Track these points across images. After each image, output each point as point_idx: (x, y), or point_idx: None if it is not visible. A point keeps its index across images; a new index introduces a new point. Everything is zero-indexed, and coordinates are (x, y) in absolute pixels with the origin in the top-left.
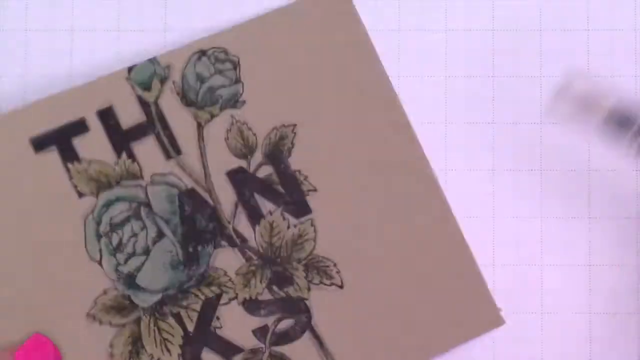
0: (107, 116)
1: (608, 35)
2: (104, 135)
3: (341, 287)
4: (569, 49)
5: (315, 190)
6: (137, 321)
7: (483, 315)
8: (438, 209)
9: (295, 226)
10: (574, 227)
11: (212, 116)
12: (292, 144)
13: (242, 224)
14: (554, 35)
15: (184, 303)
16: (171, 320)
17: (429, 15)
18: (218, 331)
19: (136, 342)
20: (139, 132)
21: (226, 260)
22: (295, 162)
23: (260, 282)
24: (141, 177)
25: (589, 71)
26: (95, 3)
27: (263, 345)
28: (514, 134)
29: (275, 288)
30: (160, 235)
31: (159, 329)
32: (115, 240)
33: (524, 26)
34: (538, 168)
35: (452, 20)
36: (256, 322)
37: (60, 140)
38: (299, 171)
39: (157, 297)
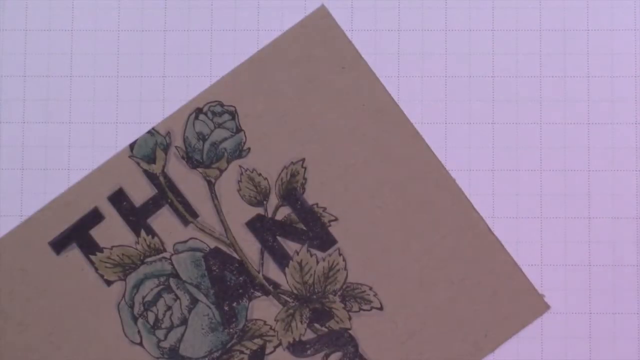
0: (118, 199)
1: (608, 35)
2: (120, 218)
3: (381, 309)
4: (569, 49)
5: (336, 219)
6: None
7: (528, 305)
8: (463, 213)
9: (324, 259)
10: (574, 227)
11: (221, 171)
12: (305, 178)
13: (272, 270)
14: (554, 35)
15: None
16: None
17: (429, 15)
18: None
19: None
20: (152, 206)
21: (263, 310)
22: (311, 196)
23: (301, 322)
24: (164, 249)
25: (588, 71)
26: (96, 3)
27: None
28: (514, 134)
29: (316, 325)
30: (194, 301)
31: None
32: (151, 318)
33: (524, 26)
34: (538, 168)
35: (452, 20)
36: None
37: (79, 236)
38: (317, 204)
39: None
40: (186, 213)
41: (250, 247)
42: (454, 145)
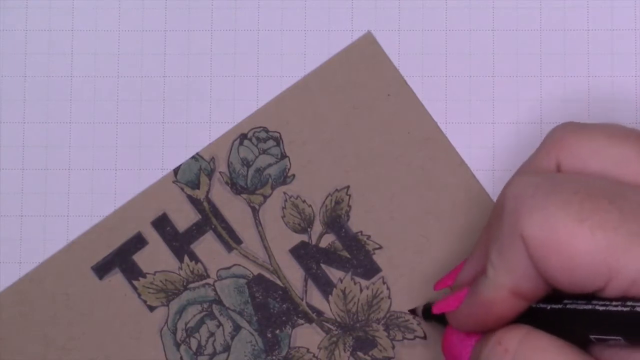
0: (162, 224)
1: (608, 35)
2: (163, 244)
3: (424, 338)
4: (569, 49)
5: (380, 247)
6: None
7: None
8: None
9: (367, 288)
10: None
11: (265, 197)
12: (349, 206)
13: (315, 298)
14: (554, 35)
15: None
16: None
17: (429, 15)
18: None
19: None
20: (196, 232)
21: (306, 338)
22: (355, 223)
23: (344, 350)
24: (207, 275)
25: (588, 71)
26: (96, 3)
27: None
28: (514, 134)
29: (360, 354)
30: (237, 328)
31: None
32: (194, 345)
33: (524, 26)
34: None
35: (452, 20)
36: None
37: (122, 261)
38: (361, 232)
39: None
40: (230, 239)
41: (293, 274)
42: (454, 145)
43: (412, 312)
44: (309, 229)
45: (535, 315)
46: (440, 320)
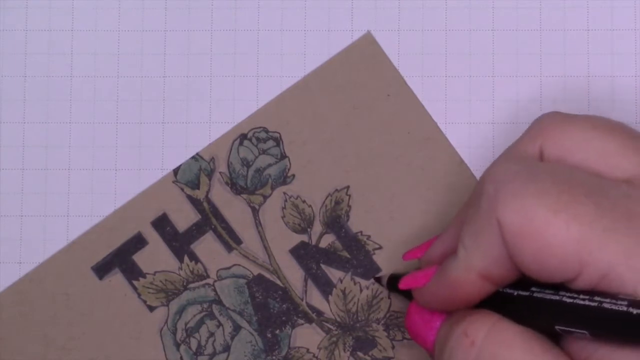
0: (162, 224)
1: (608, 35)
2: (163, 244)
3: None
4: (569, 49)
5: (380, 247)
6: None
7: None
8: None
9: (367, 288)
10: None
11: (265, 198)
12: (349, 206)
13: (315, 298)
14: (554, 35)
15: None
16: None
17: (429, 15)
18: None
19: None
20: (196, 232)
21: (306, 337)
22: (355, 223)
23: (344, 350)
24: (207, 275)
25: (588, 71)
26: (96, 3)
27: None
28: (513, 134)
29: (359, 354)
30: (237, 328)
31: None
32: (194, 344)
33: (524, 26)
34: None
35: (453, 20)
36: None
37: (122, 261)
38: (361, 232)
39: None
40: (230, 239)
41: (293, 274)
42: (454, 145)
43: (377, 280)
44: (309, 229)
45: (501, 300)
46: (405, 293)
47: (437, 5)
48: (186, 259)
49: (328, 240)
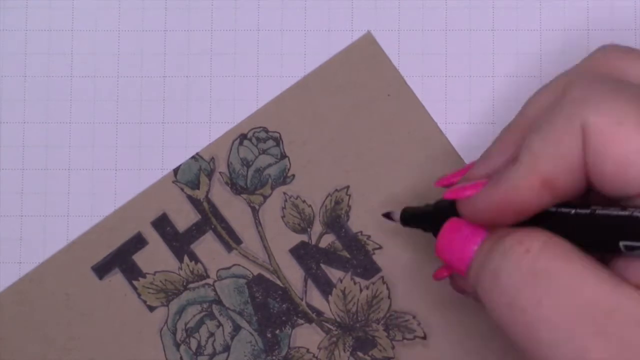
0: (162, 224)
1: (608, 36)
2: (163, 244)
3: (424, 338)
4: (569, 49)
5: (380, 247)
6: None
7: None
8: None
9: (367, 287)
10: None
11: (265, 197)
12: (349, 206)
13: (315, 298)
14: (554, 35)
15: None
16: None
17: (429, 15)
18: None
19: None
20: (196, 232)
21: (306, 337)
22: (355, 223)
23: (344, 350)
24: (207, 276)
25: None
26: (96, 3)
27: None
28: None
29: (359, 354)
30: (237, 328)
31: None
32: (194, 344)
33: (524, 26)
34: None
35: (453, 20)
36: None
37: (122, 261)
38: (361, 232)
39: None
40: (230, 239)
41: (293, 274)
42: (454, 145)
43: (387, 216)
44: (308, 229)
45: (555, 220)
46: (423, 224)
47: (437, 5)
48: (186, 259)
49: (328, 240)
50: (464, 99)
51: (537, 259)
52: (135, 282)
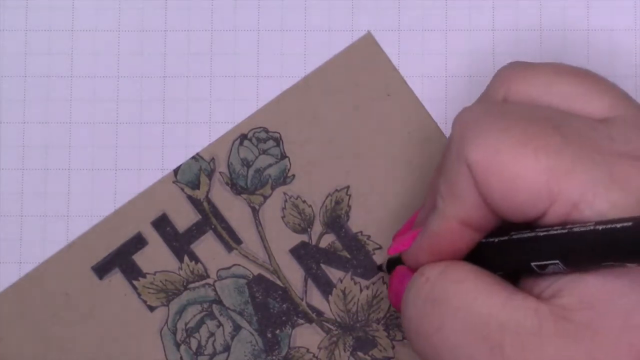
0: (162, 224)
1: (608, 35)
2: (163, 244)
3: None
4: (569, 49)
5: (380, 247)
6: None
7: None
8: None
9: (367, 287)
10: None
11: (265, 198)
12: (349, 206)
13: (315, 298)
14: (554, 35)
15: None
16: None
17: (429, 15)
18: None
19: None
20: (196, 232)
21: (306, 337)
22: (355, 223)
23: (344, 350)
24: (207, 275)
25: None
26: (96, 3)
27: None
28: None
29: (360, 353)
30: (237, 328)
31: None
32: (194, 344)
33: (524, 26)
34: None
35: (453, 20)
36: None
37: (122, 261)
38: (361, 232)
39: None
40: (230, 239)
41: (293, 274)
42: None
43: (379, 268)
44: (309, 229)
45: (484, 250)
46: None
47: (437, 5)
48: (186, 259)
49: (328, 240)
50: (464, 99)
51: (434, 286)
52: (135, 282)
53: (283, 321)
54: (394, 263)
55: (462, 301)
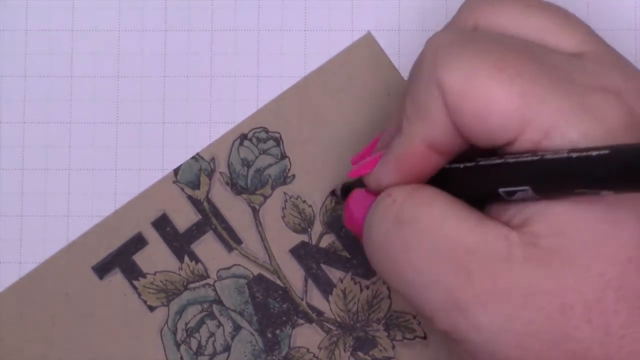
0: (162, 224)
1: (608, 36)
2: (163, 244)
3: (424, 338)
4: None
5: None
6: None
7: None
8: None
9: (367, 287)
10: None
11: (265, 198)
12: None
13: (315, 298)
14: None
15: None
16: None
17: (429, 15)
18: None
19: None
20: (196, 232)
21: (306, 337)
22: None
23: (344, 350)
24: (207, 276)
25: None
26: (96, 3)
27: None
28: None
29: (360, 353)
30: (237, 328)
31: None
32: (194, 344)
33: None
34: None
35: None
36: None
37: (122, 261)
38: None
39: None
40: (230, 239)
41: (294, 274)
42: None
43: (332, 193)
44: (309, 229)
45: (450, 175)
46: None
47: (437, 5)
48: (186, 259)
49: (328, 240)
50: None
51: (401, 208)
52: (135, 282)
53: (283, 321)
54: (347, 189)
55: (430, 224)
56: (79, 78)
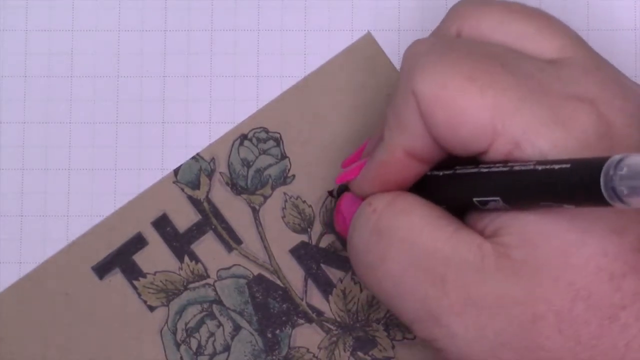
0: (162, 225)
1: (608, 36)
2: (163, 244)
3: None
4: None
5: None
6: None
7: None
8: None
9: None
10: None
11: (265, 198)
12: None
13: (315, 298)
14: None
15: None
16: None
17: (429, 15)
18: None
19: None
20: (196, 232)
21: (306, 337)
22: None
23: (344, 350)
24: (207, 276)
25: None
26: (96, 3)
27: None
28: None
29: (360, 353)
30: (237, 328)
31: None
32: (194, 344)
33: None
34: None
35: None
36: None
37: (122, 261)
38: None
39: None
40: (230, 239)
41: (294, 274)
42: None
43: (330, 194)
44: (309, 229)
45: (430, 183)
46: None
47: (437, 5)
48: (186, 259)
49: (328, 240)
50: None
51: (381, 216)
52: (135, 282)
53: (283, 321)
54: (344, 190)
55: (408, 233)
56: (79, 78)
